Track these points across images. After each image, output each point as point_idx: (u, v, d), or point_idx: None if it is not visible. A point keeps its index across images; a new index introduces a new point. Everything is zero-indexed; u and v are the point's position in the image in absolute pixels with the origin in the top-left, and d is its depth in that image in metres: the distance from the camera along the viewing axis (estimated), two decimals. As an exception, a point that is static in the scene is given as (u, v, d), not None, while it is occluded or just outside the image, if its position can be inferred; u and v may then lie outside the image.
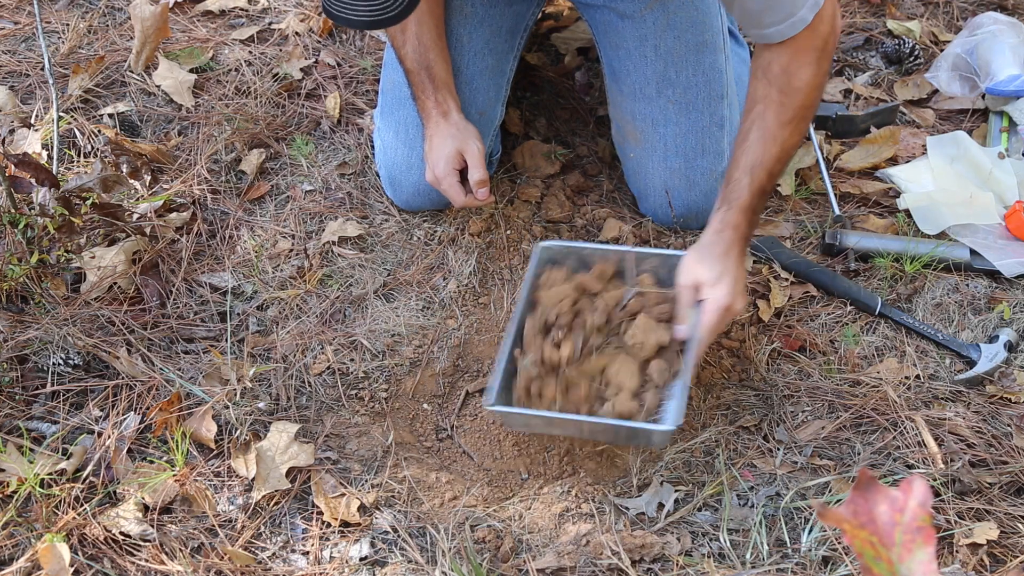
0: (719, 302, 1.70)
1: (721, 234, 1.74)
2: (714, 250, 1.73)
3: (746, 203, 1.74)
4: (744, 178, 1.74)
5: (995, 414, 1.82)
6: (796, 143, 1.77)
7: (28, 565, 1.56)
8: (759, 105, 1.73)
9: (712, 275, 1.71)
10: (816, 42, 1.69)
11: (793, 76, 1.70)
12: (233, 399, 1.82)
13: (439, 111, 2.04)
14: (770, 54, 1.71)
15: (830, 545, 1.60)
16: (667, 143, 2.09)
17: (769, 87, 1.72)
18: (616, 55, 2.12)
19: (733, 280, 1.71)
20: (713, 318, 1.70)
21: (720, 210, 1.76)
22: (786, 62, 1.70)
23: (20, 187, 1.95)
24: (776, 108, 1.72)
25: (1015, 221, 2.15)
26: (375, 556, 1.62)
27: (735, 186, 1.75)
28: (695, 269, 1.73)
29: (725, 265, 1.72)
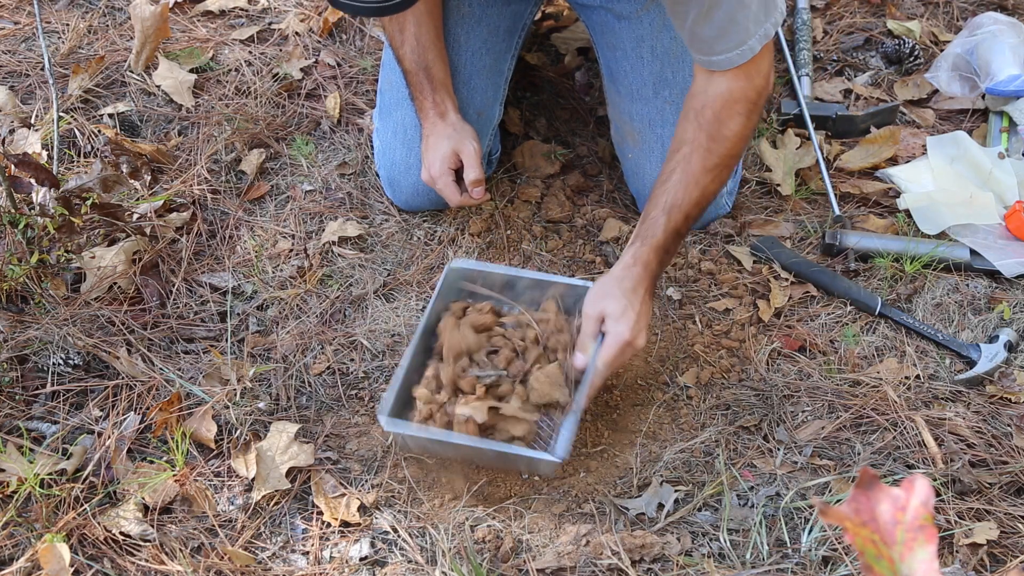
0: (621, 336, 1.70)
1: (631, 269, 1.74)
2: (623, 284, 1.73)
3: (659, 242, 1.75)
4: (661, 217, 1.75)
5: (995, 414, 1.82)
6: (716, 190, 1.80)
7: (28, 565, 1.55)
8: (686, 147, 1.75)
9: (617, 309, 1.71)
10: (750, 93, 1.71)
11: (723, 124, 1.72)
12: (233, 399, 1.82)
13: (436, 111, 2.05)
14: (705, 98, 1.73)
15: (830, 545, 1.60)
16: (664, 143, 2.09)
17: (699, 131, 1.73)
18: (613, 56, 2.12)
19: (637, 316, 1.71)
20: (613, 352, 1.70)
21: (633, 245, 1.77)
22: (719, 109, 1.72)
23: (20, 187, 1.95)
24: (703, 153, 1.74)
25: (1015, 221, 2.15)
26: (375, 556, 1.62)
27: (651, 224, 1.76)
28: (601, 301, 1.73)
29: (631, 300, 1.72)
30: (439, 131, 2.03)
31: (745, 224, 2.20)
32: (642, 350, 1.78)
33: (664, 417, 1.85)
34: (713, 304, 2.03)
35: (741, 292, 2.05)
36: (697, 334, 1.98)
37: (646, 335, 1.75)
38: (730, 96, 1.71)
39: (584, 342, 1.74)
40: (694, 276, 2.09)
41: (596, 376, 1.72)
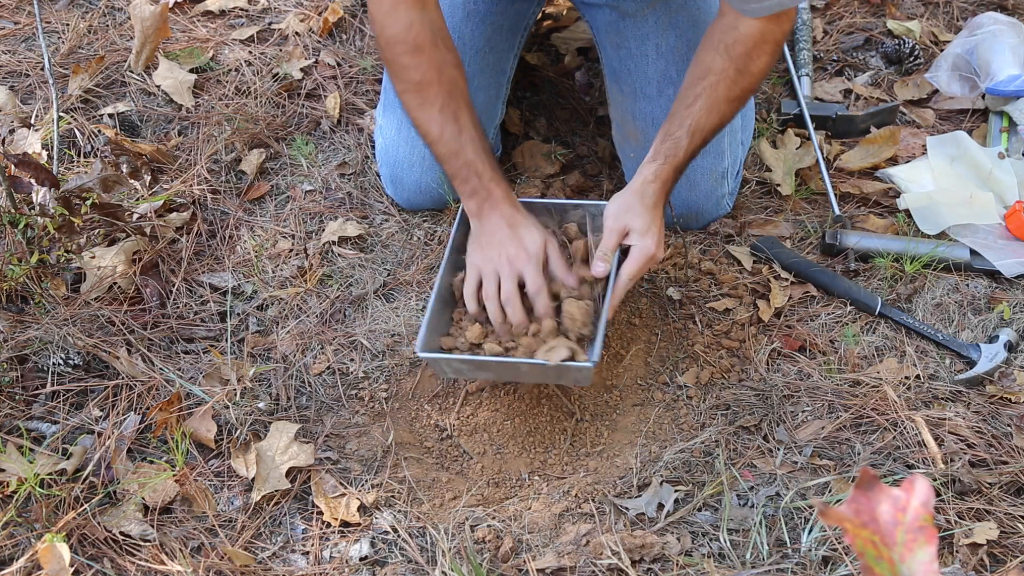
0: (648, 250, 1.77)
1: (651, 185, 1.80)
2: (644, 200, 1.79)
3: (680, 162, 1.81)
4: (684, 139, 1.80)
5: (995, 414, 1.82)
6: (728, 121, 1.86)
7: (28, 565, 1.55)
8: (713, 76, 1.79)
9: (642, 224, 1.77)
10: (778, 35, 1.77)
11: (752, 61, 1.78)
12: (233, 399, 1.82)
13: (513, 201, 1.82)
14: (737, 34, 1.77)
15: (830, 545, 1.60)
16: None
17: (729, 63, 1.78)
18: (617, 55, 2.12)
19: (658, 230, 1.79)
20: (640, 264, 1.77)
21: (654, 162, 1.81)
22: (751, 46, 1.77)
23: (20, 187, 1.95)
24: (728, 84, 1.79)
25: (1015, 221, 2.15)
26: (375, 556, 1.62)
27: (673, 144, 1.81)
28: (625, 216, 1.79)
29: (653, 216, 1.78)
30: (521, 214, 1.82)
31: (745, 224, 2.20)
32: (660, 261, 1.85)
33: (664, 417, 1.85)
34: (713, 304, 2.03)
35: (741, 292, 2.05)
36: (697, 334, 1.98)
37: (664, 248, 1.84)
38: (762, 36, 1.75)
39: (607, 254, 1.79)
40: (694, 276, 2.09)
41: (620, 288, 1.77)
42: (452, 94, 1.80)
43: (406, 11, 1.77)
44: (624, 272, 1.77)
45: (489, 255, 1.78)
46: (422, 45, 1.77)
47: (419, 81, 1.79)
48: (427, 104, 1.79)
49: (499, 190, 1.80)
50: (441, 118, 1.79)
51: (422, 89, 1.79)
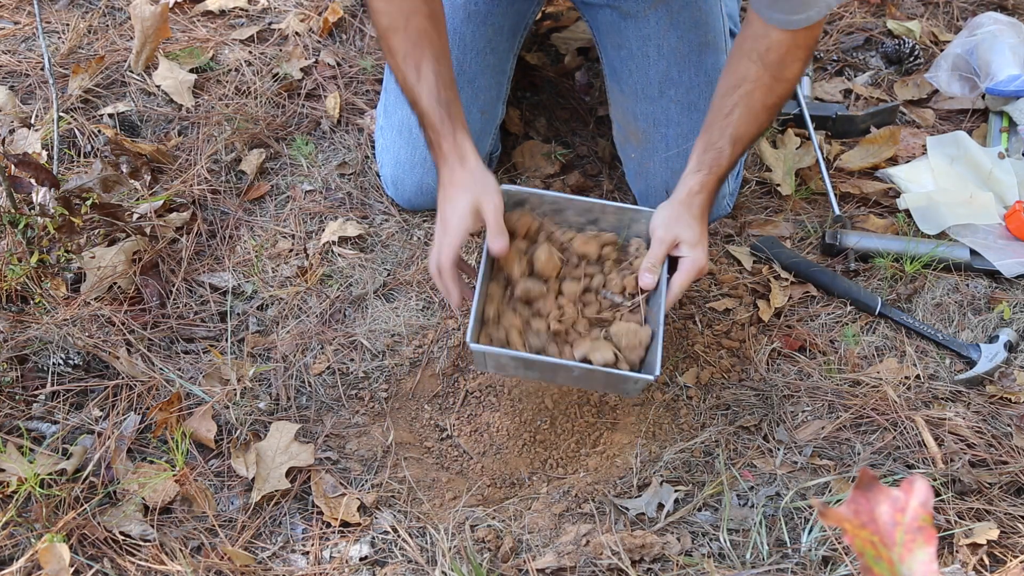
0: (699, 262, 1.74)
1: (698, 196, 1.78)
2: (692, 211, 1.77)
3: (723, 172, 1.80)
4: (727, 148, 1.79)
5: (995, 414, 1.82)
6: (765, 129, 1.87)
7: (28, 565, 1.55)
8: (748, 84, 1.78)
9: (693, 235, 1.75)
10: (811, 41, 1.77)
11: (787, 67, 1.77)
12: (233, 399, 1.82)
13: (456, 154, 1.80)
14: (769, 41, 1.75)
15: (830, 545, 1.60)
16: (669, 143, 2.09)
17: (763, 71, 1.76)
18: (618, 55, 2.12)
19: (707, 243, 1.78)
20: (691, 276, 1.74)
21: (699, 172, 1.79)
22: (784, 52, 1.75)
23: (20, 187, 1.95)
24: (765, 91, 1.78)
25: (1015, 221, 2.15)
26: (375, 556, 1.62)
27: (717, 154, 1.79)
28: (675, 227, 1.76)
29: (702, 227, 1.77)
30: (458, 180, 1.78)
31: (745, 224, 2.20)
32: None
33: (664, 417, 1.85)
34: (713, 304, 2.03)
35: (741, 292, 2.05)
36: (697, 334, 1.98)
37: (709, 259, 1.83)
38: (794, 42, 1.75)
39: (654, 264, 1.75)
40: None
41: (672, 300, 1.74)
42: (418, 43, 1.78)
43: None
44: (675, 284, 1.73)
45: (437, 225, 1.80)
46: None
47: (388, 25, 1.78)
48: (391, 53, 1.80)
49: (445, 143, 1.79)
50: (403, 66, 1.79)
51: (387, 36, 1.79)
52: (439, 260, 1.75)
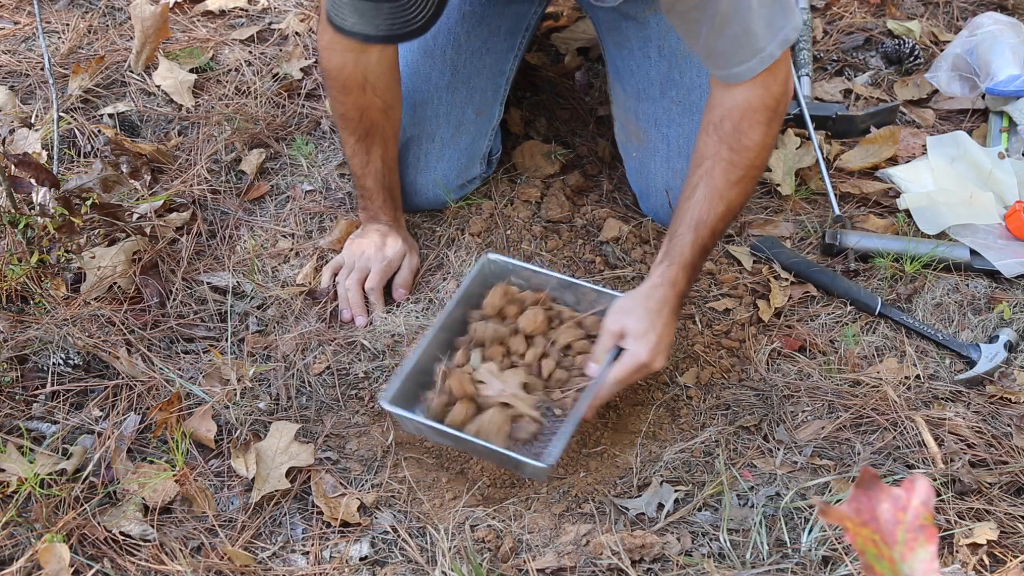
0: (638, 356, 1.68)
1: (658, 289, 1.72)
2: (648, 303, 1.71)
3: (687, 260, 1.72)
4: (688, 235, 1.72)
5: (995, 414, 1.82)
6: (742, 202, 1.76)
7: (28, 565, 1.55)
8: (708, 161, 1.71)
9: (639, 328, 1.69)
10: (769, 101, 1.68)
11: (744, 135, 1.69)
12: (233, 399, 1.82)
13: (395, 223, 2.09)
14: (723, 110, 1.70)
15: (830, 545, 1.60)
16: (670, 144, 2.09)
17: (720, 144, 1.70)
18: (620, 54, 2.12)
19: (658, 338, 1.69)
20: (627, 370, 1.69)
21: (661, 264, 1.74)
22: (738, 119, 1.68)
23: (20, 187, 1.95)
24: (725, 166, 1.70)
25: (1015, 221, 2.15)
26: (375, 556, 1.62)
27: (678, 242, 1.73)
28: (624, 318, 1.71)
29: (653, 321, 1.69)
30: (396, 234, 2.06)
31: (745, 224, 2.20)
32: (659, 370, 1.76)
33: (664, 417, 1.85)
34: (713, 304, 2.03)
35: (741, 292, 2.05)
36: (697, 334, 1.98)
37: (666, 358, 1.72)
38: (748, 106, 1.68)
39: (599, 354, 1.73)
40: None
41: (603, 389, 1.70)
42: (369, 132, 2.00)
43: (341, 52, 1.90)
44: (609, 375, 1.69)
45: (352, 250, 2.05)
46: (350, 87, 1.94)
47: (342, 114, 2.00)
48: (346, 132, 2.02)
49: (384, 215, 2.07)
50: (356, 147, 2.02)
51: (344, 121, 2.00)
52: (371, 281, 2.00)
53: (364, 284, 2.02)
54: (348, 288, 2.01)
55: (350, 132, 2.01)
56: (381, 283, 2.02)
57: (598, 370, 1.71)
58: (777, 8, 1.63)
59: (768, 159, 1.77)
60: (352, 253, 2.05)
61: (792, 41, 1.65)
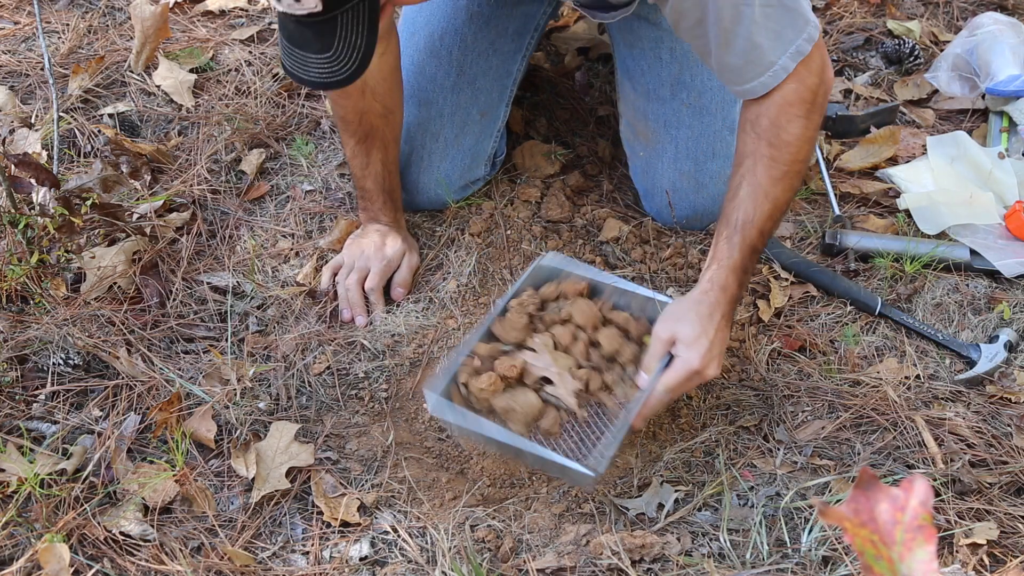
0: (690, 364, 1.64)
1: (708, 294, 1.68)
2: (699, 309, 1.67)
3: (736, 262, 1.68)
4: (735, 236, 1.67)
5: (995, 414, 1.82)
6: (788, 199, 1.71)
7: (28, 565, 1.55)
8: (748, 160, 1.67)
9: (691, 334, 1.65)
10: (805, 94, 1.64)
11: (782, 130, 1.64)
12: (233, 399, 1.82)
13: (396, 224, 2.11)
14: (758, 107, 1.66)
15: (830, 545, 1.60)
16: (679, 145, 2.09)
17: (758, 141, 1.66)
18: (631, 53, 2.12)
19: (710, 344, 1.64)
20: (679, 378, 1.65)
21: (710, 268, 1.70)
22: (775, 115, 1.65)
23: (20, 187, 1.95)
24: (767, 163, 1.66)
25: (1015, 221, 2.15)
26: (375, 556, 1.62)
27: (724, 244, 1.69)
28: (675, 324, 1.67)
29: (705, 327, 1.65)
30: (396, 234, 2.08)
31: (745, 224, 2.20)
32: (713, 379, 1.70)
33: (664, 417, 1.85)
34: (713, 304, 2.03)
35: (741, 292, 2.05)
36: (697, 334, 1.97)
37: (718, 365, 1.67)
38: (784, 101, 1.64)
39: (649, 363, 1.68)
40: (694, 276, 2.09)
41: (654, 398, 1.65)
42: (369, 135, 2.02)
43: None
44: (660, 383, 1.64)
45: (352, 250, 2.06)
46: (349, 91, 1.94)
47: (342, 117, 2.02)
48: (346, 134, 2.04)
49: (384, 216, 2.09)
50: (356, 149, 2.04)
51: (344, 124, 2.03)
52: (371, 281, 2.02)
53: (364, 284, 2.02)
54: (348, 288, 2.02)
55: (350, 134, 2.02)
56: (381, 283, 2.03)
57: (648, 380, 1.67)
58: (786, 21, 1.59)
59: (812, 152, 1.70)
60: (352, 253, 2.06)
61: (806, 52, 1.61)
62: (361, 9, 1.46)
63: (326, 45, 1.49)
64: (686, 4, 1.60)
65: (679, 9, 1.62)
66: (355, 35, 1.49)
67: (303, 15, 1.45)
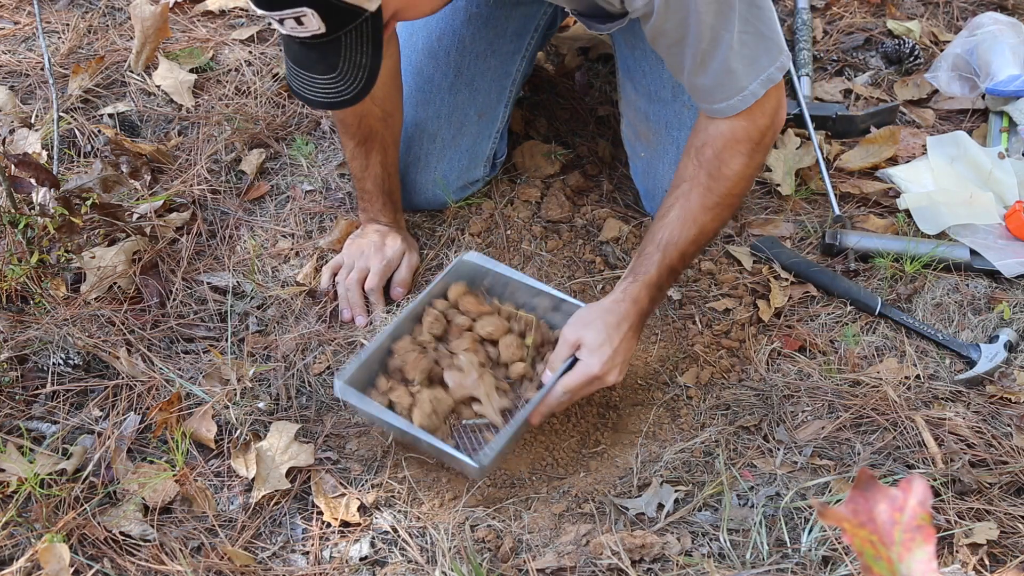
0: (590, 368, 1.69)
1: (620, 304, 1.73)
2: (607, 317, 1.71)
3: (652, 279, 1.73)
4: (656, 254, 1.73)
5: (995, 414, 1.82)
6: (716, 228, 1.76)
7: (28, 565, 1.55)
8: (686, 184, 1.72)
9: (595, 341, 1.69)
10: (753, 133, 1.68)
11: (724, 164, 1.69)
12: (233, 399, 1.82)
13: (395, 224, 2.11)
14: (706, 136, 1.70)
15: (830, 545, 1.60)
16: (680, 146, 2.09)
17: (699, 169, 1.70)
18: (632, 55, 2.12)
19: (613, 352, 1.69)
20: (578, 381, 1.69)
21: (626, 280, 1.75)
22: (720, 148, 1.69)
23: (20, 187, 1.95)
24: (702, 191, 1.71)
25: (1015, 221, 2.15)
26: (375, 556, 1.62)
27: (645, 260, 1.74)
28: (581, 329, 1.72)
29: (610, 335, 1.70)
30: (395, 234, 2.08)
31: (745, 224, 2.20)
32: (615, 384, 1.77)
33: (664, 417, 1.85)
34: (713, 304, 2.03)
35: (741, 292, 2.05)
36: (697, 334, 1.98)
37: (620, 372, 1.73)
38: (732, 136, 1.68)
39: (553, 362, 1.74)
40: (694, 276, 2.09)
41: (552, 397, 1.71)
42: (368, 138, 2.03)
43: None
44: (560, 384, 1.70)
45: (352, 250, 2.07)
46: None
47: (341, 120, 2.03)
48: (346, 137, 2.05)
49: (384, 217, 2.09)
50: (355, 151, 2.05)
51: (343, 126, 2.04)
52: (371, 281, 2.02)
53: (364, 284, 2.02)
54: (348, 288, 2.02)
55: (349, 136, 2.03)
56: (381, 283, 2.03)
57: (551, 377, 1.72)
58: (761, 48, 1.63)
59: (748, 188, 1.77)
60: (352, 253, 2.06)
61: (777, 81, 1.66)
62: (364, 29, 1.47)
63: (331, 66, 1.50)
64: (667, 25, 1.62)
65: (660, 28, 1.64)
66: (359, 55, 1.49)
67: (307, 37, 1.46)
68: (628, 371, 1.90)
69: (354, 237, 2.10)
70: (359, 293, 2.02)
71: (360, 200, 2.11)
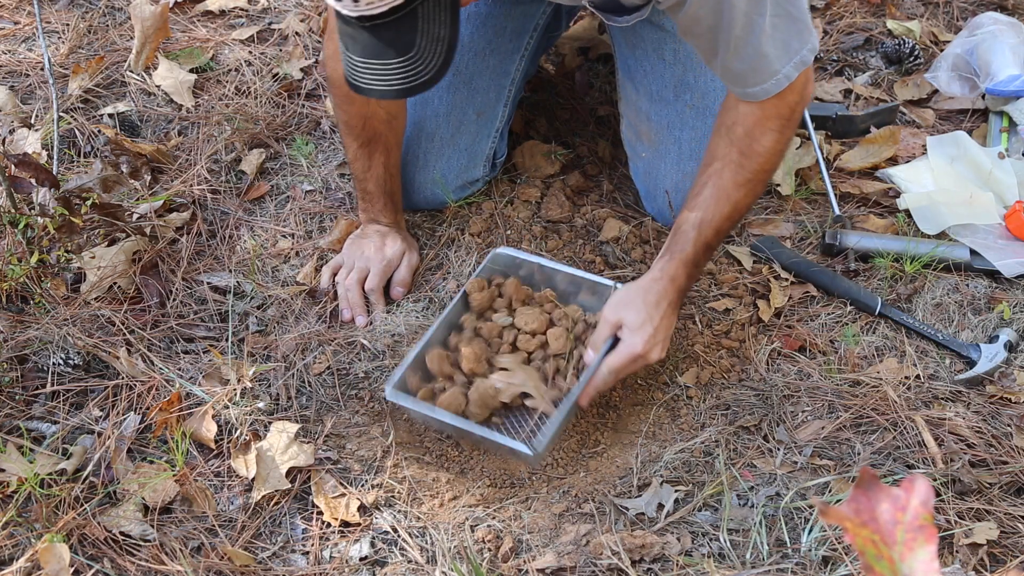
0: (633, 347, 1.71)
1: (658, 282, 1.75)
2: (647, 296, 1.74)
3: (689, 256, 1.75)
4: (692, 231, 1.75)
5: (995, 414, 1.82)
6: (749, 204, 1.79)
7: (28, 565, 1.55)
8: (718, 162, 1.74)
9: (636, 320, 1.72)
10: (783, 110, 1.70)
11: (755, 141, 1.71)
12: (233, 399, 1.82)
13: (396, 224, 2.12)
14: (736, 114, 1.71)
15: (830, 545, 1.60)
16: (682, 147, 2.09)
17: (731, 147, 1.72)
18: (633, 55, 2.11)
19: (654, 330, 1.72)
20: (622, 360, 1.72)
21: (663, 258, 1.77)
22: (751, 126, 1.70)
23: (20, 187, 1.95)
24: (734, 168, 1.73)
25: (1015, 221, 2.15)
26: (375, 556, 1.62)
27: (681, 237, 1.76)
28: (622, 309, 1.74)
29: (651, 314, 1.72)
30: (395, 234, 2.08)
31: (745, 224, 2.20)
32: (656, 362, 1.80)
33: (664, 417, 1.85)
34: (713, 304, 2.03)
35: (741, 292, 2.05)
36: (697, 334, 1.98)
37: (662, 350, 1.76)
38: (762, 113, 1.70)
39: (596, 342, 1.76)
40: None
41: (598, 378, 1.73)
42: (372, 140, 2.02)
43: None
44: (604, 364, 1.73)
45: (352, 251, 2.07)
46: (354, 97, 1.94)
47: (345, 121, 2.02)
48: (349, 138, 2.04)
49: (385, 217, 2.09)
50: (358, 153, 2.04)
51: (347, 128, 2.03)
52: (371, 281, 2.01)
53: (364, 284, 2.02)
54: (348, 288, 2.02)
55: (353, 138, 2.03)
56: (381, 283, 2.03)
57: (595, 357, 1.74)
58: (793, 31, 1.63)
59: (779, 163, 1.79)
60: (352, 253, 2.06)
61: (809, 63, 1.67)
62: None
63: (407, 44, 1.42)
64: (702, 11, 1.62)
65: (694, 16, 1.64)
66: (438, 25, 1.42)
67: (383, 12, 1.38)
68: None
69: (354, 237, 2.10)
70: (359, 293, 2.02)
71: (361, 200, 2.11)
